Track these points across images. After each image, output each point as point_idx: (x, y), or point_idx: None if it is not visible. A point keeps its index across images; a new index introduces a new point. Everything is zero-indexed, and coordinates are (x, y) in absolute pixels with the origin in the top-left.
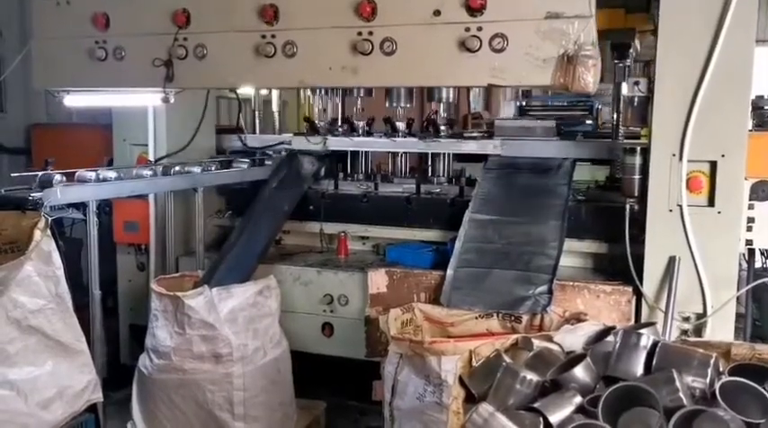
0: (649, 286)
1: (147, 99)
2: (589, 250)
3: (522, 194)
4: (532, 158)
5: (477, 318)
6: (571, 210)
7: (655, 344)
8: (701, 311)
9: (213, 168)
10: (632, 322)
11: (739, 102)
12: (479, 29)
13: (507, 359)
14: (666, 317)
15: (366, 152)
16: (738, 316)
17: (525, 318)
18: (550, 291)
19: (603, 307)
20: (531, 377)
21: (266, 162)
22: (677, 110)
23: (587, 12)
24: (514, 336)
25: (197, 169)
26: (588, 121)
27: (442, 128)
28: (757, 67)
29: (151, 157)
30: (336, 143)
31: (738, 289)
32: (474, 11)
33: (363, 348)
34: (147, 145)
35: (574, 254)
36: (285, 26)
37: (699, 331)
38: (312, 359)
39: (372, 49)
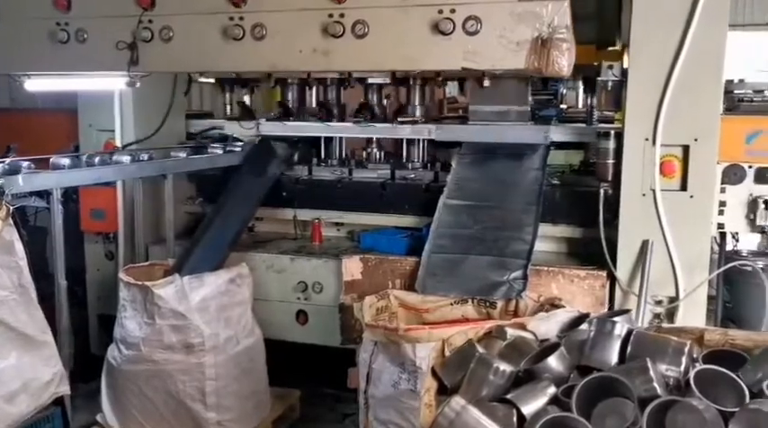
0: (623, 270)
1: (112, 83)
2: (564, 234)
3: (497, 179)
4: (507, 143)
5: (452, 304)
6: (546, 195)
7: (629, 333)
8: (673, 294)
9: (183, 154)
10: (606, 306)
11: (712, 86)
12: (452, 11)
13: (480, 349)
14: (640, 301)
15: (340, 138)
16: (710, 299)
17: (500, 304)
18: (525, 277)
19: (578, 291)
20: (505, 367)
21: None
22: (650, 94)
23: None
24: (488, 325)
25: (179, 154)
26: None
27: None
28: (727, 52)
29: (118, 143)
30: (270, 128)
31: (710, 273)
32: None
33: (338, 335)
34: (114, 130)
35: (549, 238)
36: (254, 8)
37: (671, 314)
38: (287, 347)
39: (344, 31)
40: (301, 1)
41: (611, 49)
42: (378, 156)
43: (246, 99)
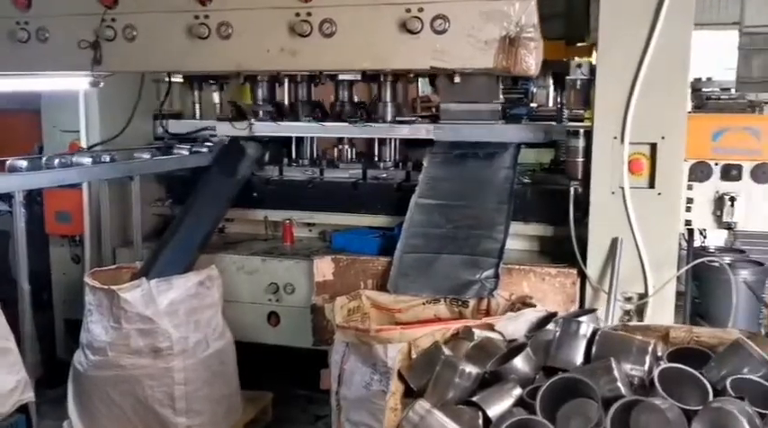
0: (593, 268)
1: (75, 83)
2: (535, 233)
3: (469, 178)
4: (478, 142)
5: (424, 304)
6: (517, 193)
7: (594, 332)
8: (642, 291)
9: (147, 155)
10: (577, 304)
11: (678, 84)
12: (420, 10)
13: (447, 351)
14: (609, 299)
15: (312, 137)
16: (679, 294)
17: (472, 303)
18: (497, 275)
19: (549, 289)
20: (471, 369)
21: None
22: (618, 93)
23: None
24: (455, 326)
25: (142, 155)
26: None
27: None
28: (694, 51)
29: (84, 144)
30: (262, 128)
31: (678, 269)
32: None
33: (310, 337)
34: (78, 131)
35: (520, 236)
36: (219, 6)
37: (641, 311)
38: (258, 349)
39: (311, 30)
40: None
41: (580, 45)
42: (349, 156)
43: (216, 97)
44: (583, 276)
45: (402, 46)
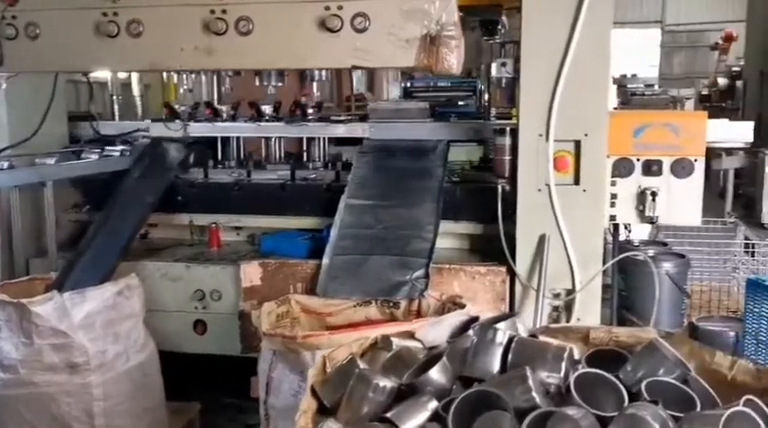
0: (522, 265)
1: None
2: (465, 231)
3: (398, 177)
4: (407, 140)
5: (355, 307)
6: (446, 192)
7: (511, 339)
8: (570, 287)
9: (51, 160)
10: (507, 301)
11: (599, 82)
12: (340, 8)
13: (362, 364)
14: (538, 296)
15: (237, 138)
16: (607, 288)
17: (403, 304)
18: (427, 276)
19: (479, 288)
20: (385, 383)
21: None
22: (542, 91)
23: None
24: (373, 335)
25: (45, 161)
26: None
27: (310, 111)
28: (620, 48)
29: None
30: (198, 129)
31: (605, 263)
32: None
33: (239, 344)
34: None
35: (451, 235)
36: (129, 2)
37: (569, 307)
38: (185, 358)
39: (227, 28)
40: None
41: None
42: (277, 156)
43: (138, 100)
44: (512, 274)
45: (322, 44)
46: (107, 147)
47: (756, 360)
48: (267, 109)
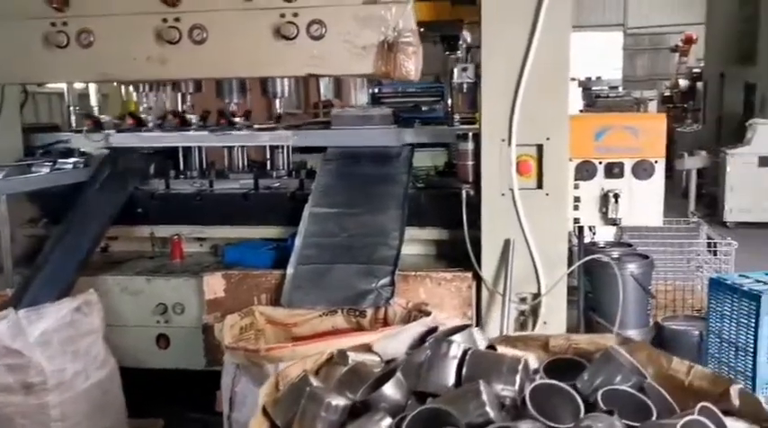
0: (488, 270)
1: None
2: (431, 237)
3: (362, 184)
4: (372, 147)
5: (321, 316)
6: (411, 198)
7: (466, 352)
8: (536, 291)
9: (15, 173)
10: (474, 307)
11: (559, 86)
12: (295, 15)
13: (315, 381)
14: (504, 300)
15: (200, 148)
16: (573, 289)
17: (370, 312)
18: (392, 283)
19: (446, 294)
20: (338, 401)
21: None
22: (503, 96)
23: None
24: (329, 351)
25: None
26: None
27: (237, 119)
28: (584, 51)
29: None
30: (122, 140)
31: (570, 265)
32: None
33: (203, 358)
34: None
35: (417, 242)
36: (78, 12)
37: (536, 311)
38: (148, 374)
39: (180, 37)
40: (131, 4)
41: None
42: (240, 165)
43: (93, 101)
44: (479, 279)
45: (278, 52)
46: (59, 160)
47: (720, 358)
48: (193, 118)
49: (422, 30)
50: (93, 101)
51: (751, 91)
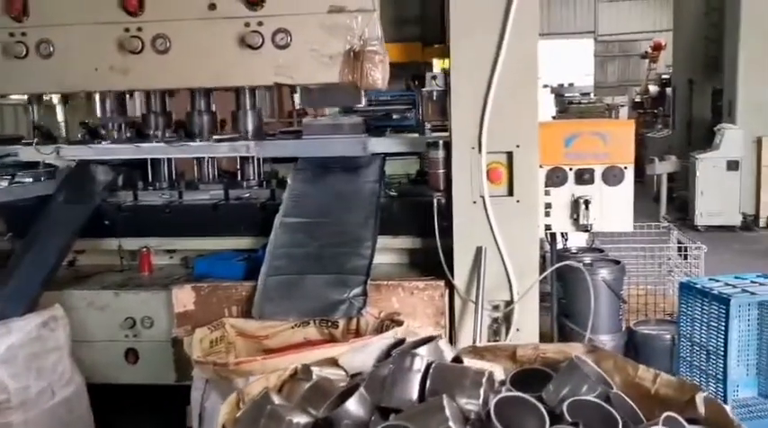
0: (460, 278)
1: None
2: (403, 246)
3: (334, 193)
4: (342, 156)
5: (293, 328)
6: (383, 207)
7: (429, 365)
8: (508, 298)
9: None
10: (447, 315)
11: (528, 94)
12: (260, 23)
13: (276, 399)
14: (477, 308)
15: (168, 159)
16: (546, 295)
17: (342, 323)
18: (365, 293)
19: (418, 303)
20: (299, 419)
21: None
22: (473, 104)
23: (370, 5)
24: (293, 367)
25: None
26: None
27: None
28: (556, 58)
29: None
30: (73, 152)
31: (543, 272)
32: (253, 4)
33: (173, 372)
34: None
35: (390, 250)
36: (37, 22)
37: (508, 318)
38: (117, 390)
39: (143, 47)
40: (91, 14)
41: (436, 46)
42: (211, 176)
43: (60, 115)
44: (451, 287)
45: (243, 61)
46: (19, 173)
47: (692, 361)
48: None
49: (393, 69)
50: (60, 113)
51: (718, 96)
